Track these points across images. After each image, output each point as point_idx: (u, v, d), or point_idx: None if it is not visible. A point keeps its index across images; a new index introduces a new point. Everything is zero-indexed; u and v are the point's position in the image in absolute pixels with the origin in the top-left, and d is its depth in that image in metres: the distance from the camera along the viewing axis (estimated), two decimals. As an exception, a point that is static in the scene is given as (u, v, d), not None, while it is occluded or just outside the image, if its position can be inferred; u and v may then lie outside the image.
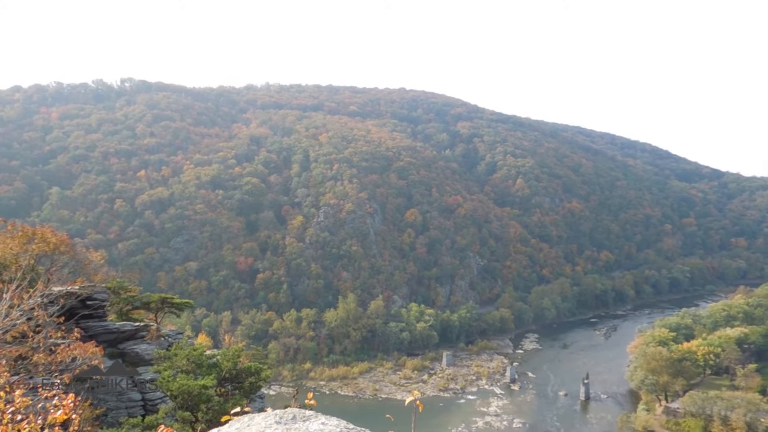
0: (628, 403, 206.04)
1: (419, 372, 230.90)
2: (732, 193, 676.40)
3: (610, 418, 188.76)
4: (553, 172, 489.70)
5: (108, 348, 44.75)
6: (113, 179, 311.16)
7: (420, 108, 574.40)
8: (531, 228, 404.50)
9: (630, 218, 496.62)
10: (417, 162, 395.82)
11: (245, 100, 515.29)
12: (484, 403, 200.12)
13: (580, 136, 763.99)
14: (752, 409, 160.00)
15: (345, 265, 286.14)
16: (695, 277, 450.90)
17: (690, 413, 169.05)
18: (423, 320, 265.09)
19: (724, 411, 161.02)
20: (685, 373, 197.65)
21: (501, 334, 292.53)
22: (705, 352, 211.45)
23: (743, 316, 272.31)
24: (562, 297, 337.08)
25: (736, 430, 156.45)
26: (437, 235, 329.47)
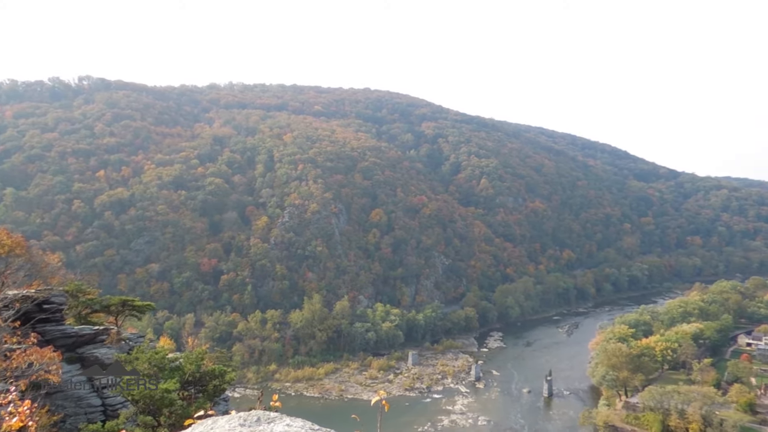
0: (589, 398, 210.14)
1: (385, 372, 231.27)
2: (688, 193, 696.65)
3: (572, 414, 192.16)
4: (517, 172, 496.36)
5: (66, 353, 43.58)
6: (71, 179, 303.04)
7: (385, 108, 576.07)
8: (495, 227, 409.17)
9: (591, 217, 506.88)
10: (382, 162, 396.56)
11: (208, 100, 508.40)
12: (450, 402, 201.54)
13: (542, 137, 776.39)
14: (707, 402, 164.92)
15: (310, 265, 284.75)
16: (653, 274, 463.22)
17: (649, 407, 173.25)
18: (389, 320, 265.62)
19: (681, 405, 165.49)
20: (643, 368, 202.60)
21: (466, 333, 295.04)
22: (663, 348, 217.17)
23: (699, 312, 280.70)
24: (525, 295, 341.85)
25: (693, 423, 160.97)
26: (402, 235, 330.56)
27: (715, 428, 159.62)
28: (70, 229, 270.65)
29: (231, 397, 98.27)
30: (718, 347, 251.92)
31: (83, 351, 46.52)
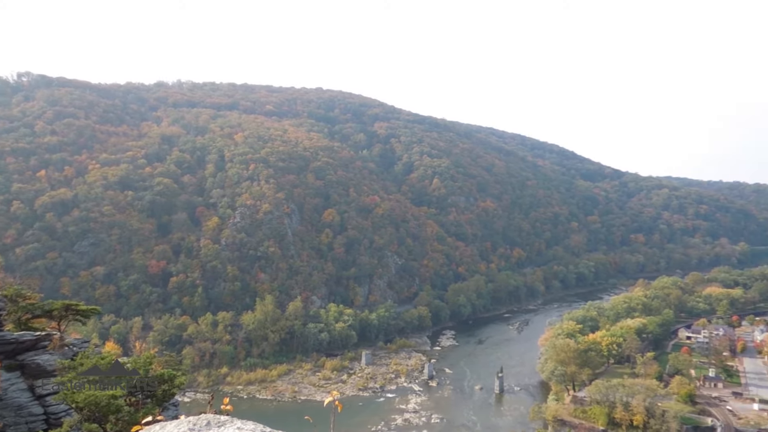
0: (539, 394, 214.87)
1: (339, 372, 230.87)
2: (631, 192, 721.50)
3: (522, 409, 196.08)
4: (468, 172, 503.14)
5: (5, 360, 41.88)
6: (9, 180, 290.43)
7: (337, 108, 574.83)
8: (447, 227, 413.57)
9: (540, 216, 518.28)
10: (334, 162, 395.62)
11: (155, 98, 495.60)
12: (403, 401, 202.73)
13: (493, 137, 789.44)
14: (650, 394, 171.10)
15: (262, 266, 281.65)
16: (599, 271, 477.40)
17: (595, 401, 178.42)
18: (342, 320, 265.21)
19: (625, 397, 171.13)
20: (590, 363, 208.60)
21: (419, 332, 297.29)
22: (609, 343, 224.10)
23: (642, 307, 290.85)
24: (477, 294, 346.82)
25: (637, 415, 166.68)
26: (355, 235, 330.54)
27: (657, 419, 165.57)
28: (9, 231, 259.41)
29: (181, 402, 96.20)
30: (660, 341, 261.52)
31: (24, 358, 44.80)
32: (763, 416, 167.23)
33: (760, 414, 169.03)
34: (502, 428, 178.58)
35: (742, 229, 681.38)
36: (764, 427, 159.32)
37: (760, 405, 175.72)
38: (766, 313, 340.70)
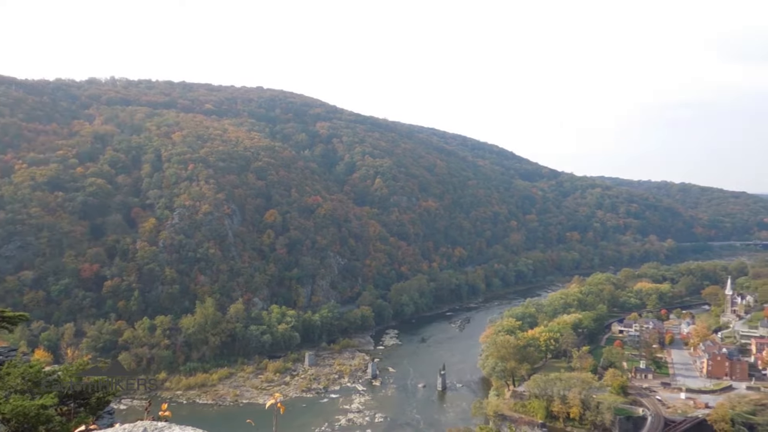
0: (480, 390, 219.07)
1: (281, 374, 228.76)
2: (567, 192, 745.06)
3: (464, 405, 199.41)
4: (410, 172, 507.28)
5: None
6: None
7: (278, 108, 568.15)
8: (389, 226, 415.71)
9: (480, 215, 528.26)
10: (276, 162, 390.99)
11: (87, 95, 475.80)
12: (347, 401, 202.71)
13: (434, 138, 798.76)
14: (586, 387, 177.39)
15: (202, 268, 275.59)
16: (537, 269, 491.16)
17: (534, 395, 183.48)
18: (284, 322, 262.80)
19: (562, 391, 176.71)
20: (529, 358, 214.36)
21: (362, 332, 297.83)
22: (546, 338, 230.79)
23: (578, 303, 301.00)
24: (420, 293, 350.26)
25: (573, 407, 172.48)
26: (297, 236, 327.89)
27: (592, 411, 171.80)
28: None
29: (116, 410, 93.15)
30: (594, 335, 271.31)
31: (-55, 369, 42.35)
32: (689, 404, 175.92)
33: (687, 402, 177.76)
34: (444, 425, 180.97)
35: (669, 227, 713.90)
36: (691, 414, 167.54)
37: (686, 394, 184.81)
38: (692, 306, 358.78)
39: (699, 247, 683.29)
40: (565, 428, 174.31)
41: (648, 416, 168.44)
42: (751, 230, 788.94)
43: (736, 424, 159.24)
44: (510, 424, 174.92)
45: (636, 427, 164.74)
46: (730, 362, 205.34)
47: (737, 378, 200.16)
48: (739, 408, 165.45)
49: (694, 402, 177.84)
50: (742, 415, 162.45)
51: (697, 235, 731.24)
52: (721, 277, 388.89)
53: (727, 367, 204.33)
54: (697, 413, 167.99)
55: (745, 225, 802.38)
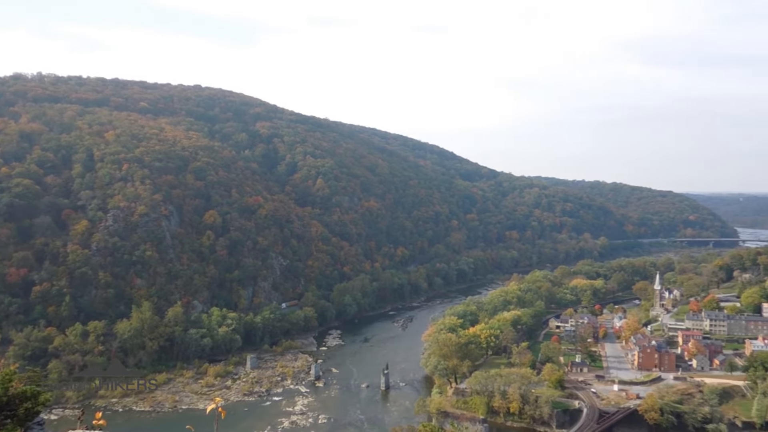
0: (423, 388, 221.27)
1: (223, 378, 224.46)
2: (506, 191, 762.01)
3: (408, 404, 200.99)
4: (352, 172, 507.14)
5: None
6: None
7: (217, 107, 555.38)
8: (332, 227, 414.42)
9: (422, 215, 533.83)
10: (215, 162, 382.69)
11: (12, 92, 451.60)
12: (290, 403, 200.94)
13: (376, 138, 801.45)
14: (525, 382, 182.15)
15: (139, 271, 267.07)
16: (478, 267, 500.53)
17: (476, 391, 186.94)
18: (225, 324, 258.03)
19: (503, 386, 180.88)
20: (471, 355, 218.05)
21: (305, 333, 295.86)
22: (487, 335, 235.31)
23: (517, 300, 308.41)
24: (362, 293, 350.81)
25: (513, 402, 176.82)
26: (238, 237, 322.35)
27: (531, 405, 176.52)
28: None
29: (47, 420, 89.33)
30: (533, 331, 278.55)
31: None
32: (621, 396, 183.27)
33: (619, 394, 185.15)
34: (388, 424, 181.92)
35: (602, 225, 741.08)
36: (623, 405, 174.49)
37: (619, 386, 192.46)
38: (624, 301, 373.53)
39: (630, 245, 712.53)
40: (505, 423, 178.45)
41: (583, 408, 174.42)
42: (677, 228, 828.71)
43: (665, 413, 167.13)
44: (452, 421, 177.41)
45: (572, 420, 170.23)
46: (659, 354, 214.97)
47: (665, 369, 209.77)
48: (668, 398, 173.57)
49: (626, 393, 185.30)
50: (670, 404, 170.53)
51: (628, 233, 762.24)
52: (650, 272, 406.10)
53: (656, 359, 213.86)
54: (629, 404, 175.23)
55: (671, 223, 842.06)
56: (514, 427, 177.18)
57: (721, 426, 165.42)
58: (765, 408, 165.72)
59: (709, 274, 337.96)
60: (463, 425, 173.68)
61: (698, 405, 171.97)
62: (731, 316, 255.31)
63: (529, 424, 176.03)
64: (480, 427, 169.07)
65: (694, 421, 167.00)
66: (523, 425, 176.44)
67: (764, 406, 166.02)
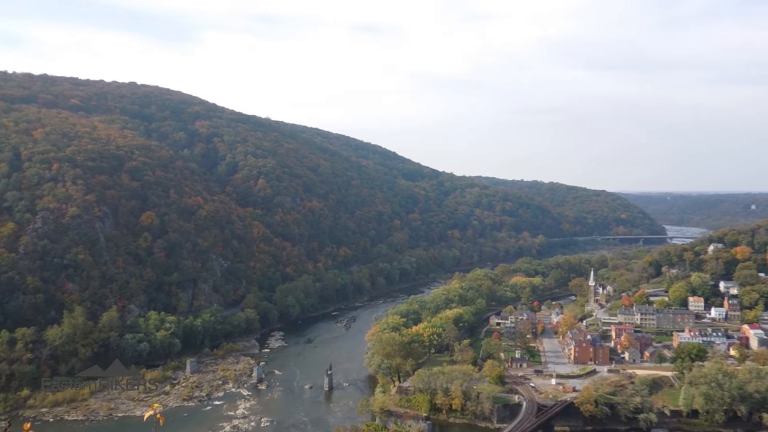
0: (367, 387, 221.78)
1: (161, 383, 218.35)
2: (447, 191, 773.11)
3: (351, 404, 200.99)
4: (294, 172, 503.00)
5: None
6: None
7: (154, 105, 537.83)
8: (274, 227, 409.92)
9: (365, 215, 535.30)
10: (152, 162, 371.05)
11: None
12: (232, 407, 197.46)
13: (318, 138, 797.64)
14: (467, 379, 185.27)
15: (71, 275, 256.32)
16: (421, 266, 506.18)
17: (419, 389, 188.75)
18: (164, 328, 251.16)
19: (445, 384, 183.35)
20: (414, 353, 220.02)
21: (247, 335, 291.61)
22: (430, 333, 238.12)
23: (459, 298, 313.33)
24: (305, 293, 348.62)
25: (455, 399, 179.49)
26: (177, 238, 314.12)
27: (473, 401, 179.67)
28: None
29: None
30: (474, 328, 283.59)
31: None
32: (559, 390, 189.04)
33: (557, 388, 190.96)
34: (332, 425, 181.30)
35: (540, 223, 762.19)
36: (561, 398, 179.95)
37: (556, 380, 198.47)
38: (561, 297, 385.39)
39: (566, 242, 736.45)
40: (448, 420, 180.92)
41: (523, 403, 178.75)
42: (610, 226, 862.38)
43: (599, 404, 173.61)
44: (396, 420, 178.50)
45: (513, 414, 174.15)
46: (594, 348, 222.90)
47: (600, 362, 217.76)
48: (602, 390, 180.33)
49: (563, 387, 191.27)
50: (605, 396, 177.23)
51: (565, 231, 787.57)
52: (585, 269, 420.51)
53: (591, 352, 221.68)
54: (566, 397, 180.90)
55: (605, 221, 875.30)
56: (457, 424, 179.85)
57: (651, 415, 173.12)
58: (691, 397, 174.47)
59: (639, 270, 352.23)
60: (406, 423, 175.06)
61: (630, 396, 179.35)
62: (660, 310, 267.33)
63: (471, 420, 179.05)
64: (423, 425, 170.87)
65: (626, 412, 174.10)
66: (465, 421, 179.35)
67: (690, 395, 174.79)
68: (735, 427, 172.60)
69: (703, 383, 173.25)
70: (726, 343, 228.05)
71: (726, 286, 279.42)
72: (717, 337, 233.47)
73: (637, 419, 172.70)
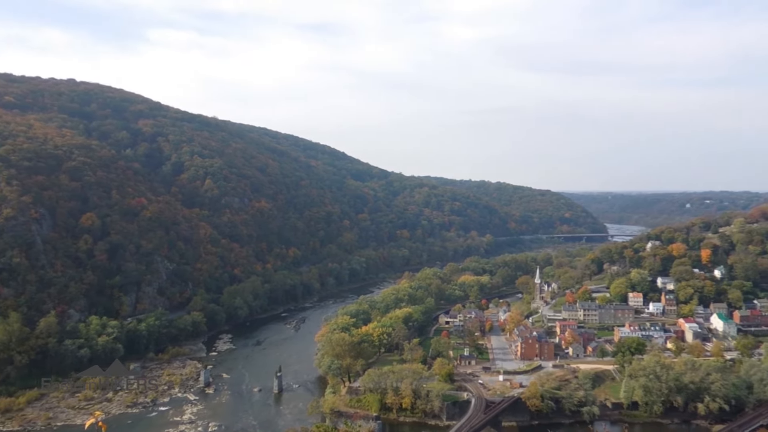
0: (317, 389, 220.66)
1: (103, 390, 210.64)
2: (397, 191, 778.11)
3: (301, 405, 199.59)
4: (242, 173, 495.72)
5: None
6: None
7: (94, 103, 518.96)
8: (221, 228, 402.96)
9: (314, 215, 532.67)
10: (93, 162, 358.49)
11: None
12: (178, 412, 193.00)
13: (266, 138, 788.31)
14: (416, 377, 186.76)
15: (5, 279, 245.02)
16: (370, 266, 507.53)
17: (369, 389, 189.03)
18: (106, 333, 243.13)
19: (395, 383, 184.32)
20: (364, 353, 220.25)
21: (194, 339, 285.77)
22: (380, 333, 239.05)
23: (408, 297, 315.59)
24: (254, 295, 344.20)
25: (405, 398, 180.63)
26: (119, 240, 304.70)
27: (423, 399, 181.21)
28: None
29: None
30: (424, 327, 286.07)
31: None
32: (506, 386, 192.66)
33: (504, 384, 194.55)
34: (281, 427, 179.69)
35: (488, 223, 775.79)
36: (508, 394, 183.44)
37: (504, 376, 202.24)
38: (508, 295, 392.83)
39: (513, 241, 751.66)
40: (398, 419, 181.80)
41: (472, 400, 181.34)
42: (554, 224, 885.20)
43: (545, 399, 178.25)
44: (346, 420, 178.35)
45: (461, 411, 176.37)
46: (540, 344, 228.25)
47: (545, 358, 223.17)
48: (547, 385, 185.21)
49: (510, 383, 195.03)
50: (550, 391, 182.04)
51: (511, 230, 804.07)
52: (531, 267, 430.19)
53: (537, 348, 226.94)
54: (513, 393, 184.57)
55: (549, 220, 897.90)
56: (407, 422, 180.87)
57: (594, 408, 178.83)
58: (631, 389, 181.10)
59: (582, 268, 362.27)
60: (356, 423, 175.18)
61: (574, 390, 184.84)
62: (602, 306, 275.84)
63: (420, 418, 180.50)
64: (373, 425, 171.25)
65: (570, 405, 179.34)
66: (416, 419, 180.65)
67: (631, 388, 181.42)
68: (672, 418, 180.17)
69: (642, 376, 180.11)
70: (663, 337, 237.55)
71: (663, 282, 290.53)
72: (655, 331, 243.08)
73: (580, 412, 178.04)
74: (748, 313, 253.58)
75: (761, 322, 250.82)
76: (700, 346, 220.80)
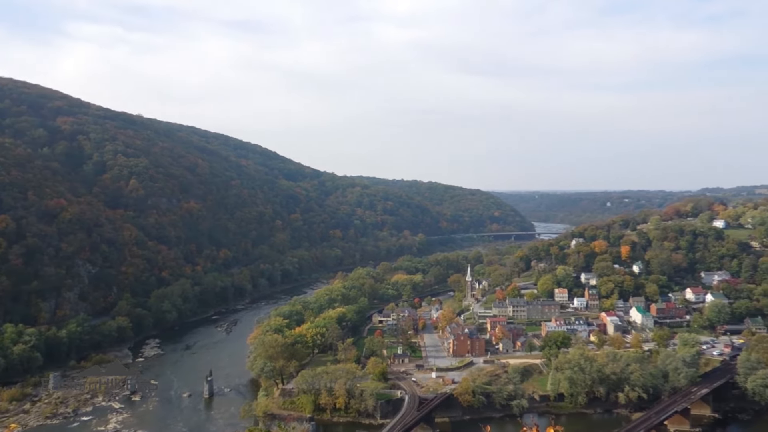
0: (250, 392, 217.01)
1: (19, 402, 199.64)
2: (329, 191, 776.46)
3: (233, 409, 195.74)
4: (169, 172, 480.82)
5: None
6: None
7: (8, 98, 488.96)
8: (148, 230, 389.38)
9: (245, 216, 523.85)
10: (7, 161, 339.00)
11: None
12: (102, 422, 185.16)
13: (195, 137, 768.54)
14: (350, 377, 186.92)
15: None
16: (303, 267, 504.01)
17: (303, 390, 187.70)
18: (22, 342, 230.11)
19: (329, 383, 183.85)
20: (298, 355, 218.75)
21: (119, 345, 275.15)
22: (313, 334, 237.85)
23: (341, 297, 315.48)
24: (183, 298, 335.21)
25: (339, 398, 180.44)
26: (36, 243, 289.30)
27: (357, 399, 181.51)
28: None
29: None
30: (358, 327, 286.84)
31: None
32: (439, 383, 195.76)
33: (437, 381, 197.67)
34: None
35: (420, 222, 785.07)
36: (441, 391, 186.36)
37: (437, 373, 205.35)
38: (441, 293, 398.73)
39: (444, 240, 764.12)
40: (332, 419, 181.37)
41: (405, 397, 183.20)
42: (484, 223, 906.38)
43: (476, 394, 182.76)
44: (279, 423, 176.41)
45: (395, 409, 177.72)
46: (471, 341, 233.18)
47: (477, 354, 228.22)
48: (479, 380, 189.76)
49: (443, 380, 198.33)
50: (481, 386, 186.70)
51: (443, 229, 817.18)
52: (462, 265, 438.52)
53: (469, 345, 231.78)
54: (446, 389, 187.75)
55: (480, 219, 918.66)
56: (341, 422, 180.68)
57: (523, 401, 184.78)
58: (557, 382, 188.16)
59: (511, 265, 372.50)
60: (290, 425, 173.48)
61: (504, 384, 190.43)
62: (530, 302, 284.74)
63: (355, 417, 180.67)
64: (307, 426, 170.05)
65: (501, 399, 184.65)
66: (350, 419, 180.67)
67: (557, 380, 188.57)
68: (595, 408, 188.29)
69: (568, 368, 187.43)
70: (587, 330, 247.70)
71: (586, 278, 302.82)
72: (579, 325, 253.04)
73: (510, 406, 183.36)
74: (664, 306, 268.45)
75: (675, 314, 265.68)
76: (620, 339, 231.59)
